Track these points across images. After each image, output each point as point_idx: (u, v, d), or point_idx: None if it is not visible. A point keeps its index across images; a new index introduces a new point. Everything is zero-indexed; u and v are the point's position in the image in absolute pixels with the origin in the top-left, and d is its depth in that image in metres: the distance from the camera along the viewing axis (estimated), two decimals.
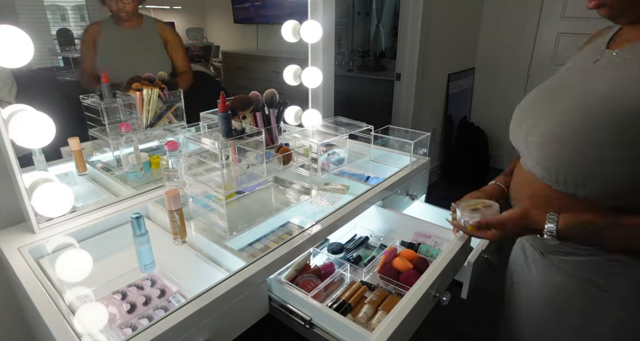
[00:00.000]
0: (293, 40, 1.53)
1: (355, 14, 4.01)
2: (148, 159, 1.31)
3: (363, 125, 1.44)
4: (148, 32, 1.40)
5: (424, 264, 1.04)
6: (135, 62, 1.38)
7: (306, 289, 0.96)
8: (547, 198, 0.76)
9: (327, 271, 1.06)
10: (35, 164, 1.06)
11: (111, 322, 0.81)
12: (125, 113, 1.27)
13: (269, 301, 0.96)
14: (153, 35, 1.42)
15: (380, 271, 1.04)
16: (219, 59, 1.67)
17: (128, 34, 1.36)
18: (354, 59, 4.05)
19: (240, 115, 1.09)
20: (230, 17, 1.73)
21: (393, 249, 1.12)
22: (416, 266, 1.04)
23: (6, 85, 1.05)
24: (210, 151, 1.03)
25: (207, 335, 0.80)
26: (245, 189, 1.23)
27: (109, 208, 1.10)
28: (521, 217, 0.76)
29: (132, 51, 1.40)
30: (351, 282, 1.03)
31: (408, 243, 1.20)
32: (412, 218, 1.28)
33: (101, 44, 1.28)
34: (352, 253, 1.18)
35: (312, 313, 0.89)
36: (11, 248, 0.94)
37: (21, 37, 0.78)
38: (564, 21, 3.04)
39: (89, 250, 0.86)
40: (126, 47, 1.38)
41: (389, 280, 1.01)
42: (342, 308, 0.91)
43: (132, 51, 1.40)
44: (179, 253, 1.00)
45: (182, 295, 0.89)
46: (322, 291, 0.98)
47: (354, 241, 1.25)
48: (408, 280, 0.98)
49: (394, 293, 0.99)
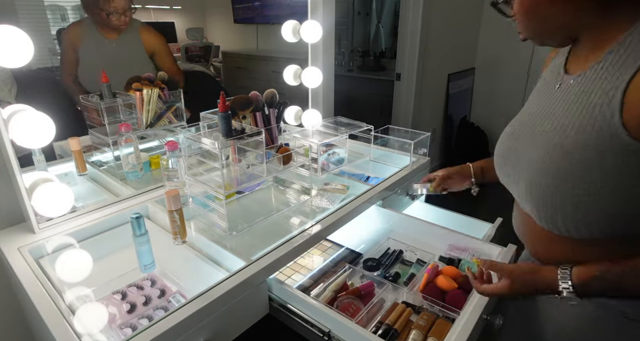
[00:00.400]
0: (293, 40, 1.53)
1: (355, 14, 4.01)
2: (148, 159, 1.31)
3: (363, 125, 1.44)
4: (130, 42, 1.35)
5: (468, 284, 0.86)
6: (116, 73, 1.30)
7: (347, 313, 0.87)
8: (549, 242, 0.71)
9: (367, 292, 0.95)
10: (35, 164, 1.06)
11: (111, 322, 0.81)
12: (125, 113, 1.27)
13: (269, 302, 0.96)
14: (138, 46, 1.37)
15: (423, 291, 0.95)
16: (219, 59, 1.67)
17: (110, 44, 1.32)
18: (354, 59, 4.05)
19: (240, 115, 1.09)
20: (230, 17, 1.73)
21: (435, 266, 1.02)
22: (461, 285, 0.95)
23: (6, 85, 1.05)
24: (210, 151, 1.03)
25: (207, 335, 0.80)
26: (245, 189, 1.23)
27: (109, 208, 1.10)
28: (529, 271, 0.70)
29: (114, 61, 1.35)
30: (393, 304, 0.93)
31: (447, 259, 1.09)
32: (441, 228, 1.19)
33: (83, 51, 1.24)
34: (389, 270, 1.08)
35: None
36: (11, 248, 0.94)
37: (21, 37, 0.78)
38: None
39: (89, 250, 0.86)
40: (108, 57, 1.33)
41: (433, 301, 0.92)
42: (389, 335, 0.83)
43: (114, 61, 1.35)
44: (179, 253, 1.00)
45: (182, 295, 0.89)
46: (365, 315, 0.89)
47: (388, 255, 1.14)
48: (455, 301, 0.91)
49: (441, 316, 0.89)
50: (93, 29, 1.27)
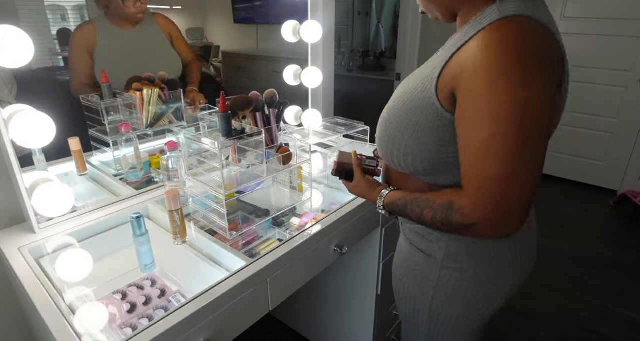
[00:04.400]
0: (293, 40, 1.53)
1: (355, 14, 4.01)
2: (148, 159, 1.31)
3: (359, 126, 1.44)
4: (151, 28, 1.35)
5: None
6: (142, 64, 1.32)
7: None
8: (387, 171, 0.87)
9: None
10: (36, 164, 1.07)
11: (111, 322, 0.81)
12: (126, 113, 1.27)
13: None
14: (157, 31, 1.36)
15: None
16: (219, 59, 1.67)
17: (130, 35, 1.31)
18: (354, 59, 4.05)
19: (240, 115, 1.09)
20: (230, 17, 1.73)
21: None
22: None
23: (7, 85, 1.05)
24: (211, 151, 1.03)
25: (207, 335, 0.80)
26: (246, 189, 1.23)
27: (109, 208, 1.10)
28: (369, 186, 0.89)
29: (138, 53, 1.34)
30: None
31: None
32: None
33: (99, 50, 1.23)
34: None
35: None
36: (11, 248, 0.94)
37: (21, 37, 0.78)
38: (564, 21, 3.04)
39: (89, 250, 0.86)
40: (130, 50, 1.33)
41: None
42: None
43: (138, 53, 1.34)
44: (179, 253, 1.00)
45: (182, 295, 0.89)
46: None
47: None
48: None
49: None
50: (107, 24, 1.25)
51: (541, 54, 0.58)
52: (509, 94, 0.57)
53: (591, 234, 2.62)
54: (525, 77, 0.57)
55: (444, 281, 0.82)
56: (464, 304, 0.83)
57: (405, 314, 0.95)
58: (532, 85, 0.57)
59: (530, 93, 0.57)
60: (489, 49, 0.58)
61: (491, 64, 0.57)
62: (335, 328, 1.63)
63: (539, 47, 0.58)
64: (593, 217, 2.84)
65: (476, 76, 0.59)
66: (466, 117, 0.62)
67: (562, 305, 2.00)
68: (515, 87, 0.56)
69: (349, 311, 1.54)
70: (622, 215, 2.84)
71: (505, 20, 0.59)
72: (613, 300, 2.03)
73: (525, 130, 0.58)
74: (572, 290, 2.09)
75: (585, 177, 3.28)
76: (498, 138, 0.58)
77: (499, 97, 0.57)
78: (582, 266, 2.29)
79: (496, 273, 0.80)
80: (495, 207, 0.61)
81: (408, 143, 0.72)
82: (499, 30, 0.59)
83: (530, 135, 0.58)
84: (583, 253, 2.42)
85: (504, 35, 0.58)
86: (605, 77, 2.97)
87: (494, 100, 0.58)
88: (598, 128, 3.10)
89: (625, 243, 2.53)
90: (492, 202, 0.61)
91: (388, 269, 1.40)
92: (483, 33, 0.60)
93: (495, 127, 0.58)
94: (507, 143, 0.58)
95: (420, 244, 0.85)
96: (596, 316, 1.92)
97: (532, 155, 0.59)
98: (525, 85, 0.57)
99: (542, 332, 1.84)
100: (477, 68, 0.59)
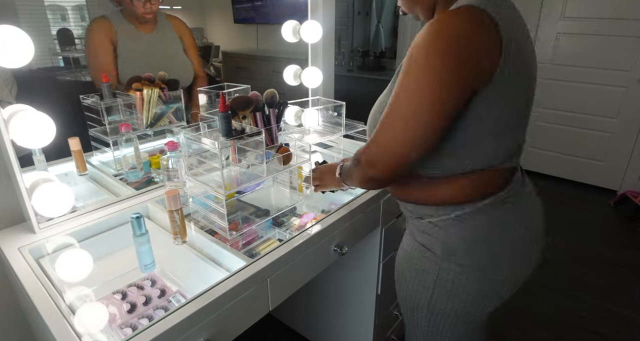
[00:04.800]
0: (293, 40, 1.53)
1: (355, 14, 4.01)
2: (148, 159, 1.31)
3: (359, 126, 1.44)
4: (166, 33, 1.35)
5: None
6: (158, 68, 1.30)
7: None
8: None
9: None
10: (36, 164, 1.07)
11: (111, 322, 0.81)
12: (126, 113, 1.27)
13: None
14: (171, 36, 1.35)
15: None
16: (219, 59, 1.67)
17: (148, 38, 1.29)
18: (354, 59, 4.05)
19: (240, 115, 1.09)
20: (230, 17, 1.73)
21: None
22: None
23: (7, 85, 1.05)
24: (211, 151, 1.03)
25: (207, 335, 0.80)
26: (246, 189, 1.23)
27: (109, 208, 1.10)
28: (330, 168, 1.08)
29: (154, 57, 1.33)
30: None
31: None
32: None
33: (121, 46, 1.22)
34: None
35: None
36: (11, 248, 0.94)
37: (21, 37, 0.78)
38: (564, 21, 3.04)
39: (89, 250, 0.86)
40: (147, 53, 1.32)
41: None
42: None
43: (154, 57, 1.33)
44: (179, 253, 1.00)
45: (182, 295, 0.89)
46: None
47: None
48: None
49: None
50: (125, 23, 1.25)
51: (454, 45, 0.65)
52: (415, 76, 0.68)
53: (591, 234, 2.62)
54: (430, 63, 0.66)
55: (443, 275, 0.83)
56: (464, 298, 0.84)
57: (405, 309, 0.96)
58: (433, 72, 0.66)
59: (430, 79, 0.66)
60: (422, 34, 0.68)
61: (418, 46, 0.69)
62: (335, 328, 1.63)
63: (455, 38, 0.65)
64: (593, 217, 2.84)
65: (408, 57, 0.70)
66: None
67: (562, 305, 2.00)
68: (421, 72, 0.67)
69: (349, 311, 1.54)
70: (622, 215, 2.84)
71: (446, 12, 0.68)
72: (613, 300, 2.03)
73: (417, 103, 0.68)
74: (572, 290, 2.09)
75: (585, 177, 3.28)
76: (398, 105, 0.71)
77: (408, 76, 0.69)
78: (582, 266, 2.29)
79: (495, 267, 0.81)
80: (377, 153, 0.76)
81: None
82: (439, 17, 0.68)
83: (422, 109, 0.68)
84: (583, 253, 2.42)
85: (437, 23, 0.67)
86: (605, 77, 2.97)
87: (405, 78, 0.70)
88: (598, 128, 3.10)
89: (625, 243, 2.53)
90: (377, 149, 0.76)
91: (388, 269, 1.40)
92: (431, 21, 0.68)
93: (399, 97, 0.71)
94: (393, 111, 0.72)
95: (422, 239, 0.86)
96: (596, 316, 1.92)
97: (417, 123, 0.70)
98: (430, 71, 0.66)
99: (542, 332, 1.84)
100: (411, 49, 0.70)
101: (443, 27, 0.65)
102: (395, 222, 1.37)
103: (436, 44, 0.65)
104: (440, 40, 0.65)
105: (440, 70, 0.65)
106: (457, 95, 0.67)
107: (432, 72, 0.66)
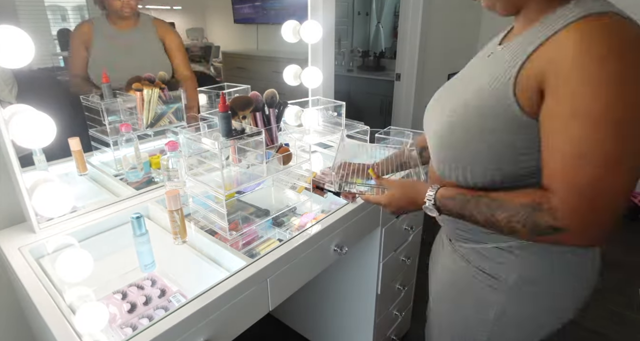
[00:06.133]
0: (293, 40, 1.53)
1: (355, 14, 4.01)
2: (148, 159, 1.31)
3: (359, 126, 1.44)
4: (145, 33, 1.36)
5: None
6: (131, 66, 1.33)
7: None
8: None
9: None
10: (36, 164, 1.07)
11: (111, 322, 0.81)
12: (126, 113, 1.27)
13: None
14: (151, 36, 1.37)
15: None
16: (219, 59, 1.67)
17: (124, 36, 1.32)
18: (354, 59, 4.05)
19: (240, 115, 1.09)
20: (230, 17, 1.73)
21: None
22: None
23: (7, 85, 1.06)
24: (211, 151, 1.03)
25: (207, 335, 0.80)
26: (246, 189, 1.23)
27: (109, 208, 1.10)
28: (410, 185, 0.83)
29: (128, 54, 1.35)
30: None
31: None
32: None
33: (94, 47, 1.24)
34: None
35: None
36: (12, 248, 0.94)
37: (21, 37, 0.78)
38: None
39: (89, 250, 0.86)
40: (122, 50, 1.34)
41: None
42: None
43: (128, 54, 1.35)
44: (179, 253, 1.00)
45: (182, 295, 0.89)
46: None
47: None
48: None
49: None
50: (105, 23, 1.27)
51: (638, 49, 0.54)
52: (609, 89, 0.53)
53: None
54: (625, 74, 0.53)
55: (510, 306, 0.77)
56: (528, 327, 0.79)
57: (453, 336, 0.89)
58: (633, 82, 0.53)
59: (630, 91, 0.53)
60: (585, 49, 0.54)
61: (590, 58, 0.53)
62: (335, 328, 1.63)
63: (635, 41, 0.54)
64: None
65: (573, 75, 0.54)
66: (556, 114, 0.57)
67: None
68: (615, 83, 0.53)
69: (349, 311, 1.54)
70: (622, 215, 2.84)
71: (594, 16, 0.56)
72: (613, 300, 2.03)
73: (625, 131, 0.54)
74: None
75: None
76: (595, 138, 0.54)
77: (596, 92, 0.53)
78: None
79: (570, 295, 0.77)
80: (590, 211, 0.57)
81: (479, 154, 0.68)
82: (590, 24, 0.55)
83: (629, 138, 0.54)
84: None
85: (598, 30, 0.54)
86: None
87: (590, 96, 0.53)
88: None
89: (625, 243, 2.53)
90: (588, 205, 0.57)
91: (388, 269, 1.40)
92: (574, 31, 0.56)
93: (592, 127, 0.54)
94: (605, 145, 0.54)
95: (485, 265, 0.78)
96: (596, 316, 1.93)
97: (630, 159, 0.55)
98: (626, 82, 0.53)
99: None
100: (573, 62, 0.54)
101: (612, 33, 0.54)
102: (395, 222, 1.37)
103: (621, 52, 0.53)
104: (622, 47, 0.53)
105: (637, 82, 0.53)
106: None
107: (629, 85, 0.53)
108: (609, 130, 0.54)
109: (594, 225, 0.58)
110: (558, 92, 0.56)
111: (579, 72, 0.54)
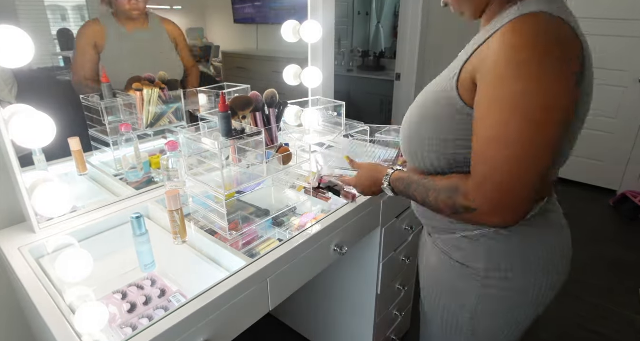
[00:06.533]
0: (293, 40, 1.53)
1: (355, 14, 4.01)
2: (148, 159, 1.31)
3: (359, 126, 1.44)
4: (157, 33, 1.36)
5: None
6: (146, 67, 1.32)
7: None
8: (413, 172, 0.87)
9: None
10: (36, 164, 1.07)
11: (111, 322, 0.81)
12: (126, 113, 1.27)
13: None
14: (163, 35, 1.37)
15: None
16: (219, 59, 1.67)
17: (136, 37, 1.31)
18: (354, 59, 4.05)
19: (240, 115, 1.09)
20: (230, 17, 1.73)
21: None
22: None
23: (7, 85, 1.05)
24: (211, 151, 1.03)
25: (207, 335, 0.80)
26: (246, 189, 1.23)
27: (109, 208, 1.10)
28: (374, 168, 0.95)
29: (143, 55, 1.35)
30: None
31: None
32: None
33: (107, 48, 1.24)
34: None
35: None
36: (11, 248, 0.94)
37: (21, 37, 0.78)
38: None
39: (89, 250, 0.86)
40: (135, 51, 1.33)
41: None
42: None
43: (143, 55, 1.35)
44: (179, 253, 1.00)
45: (182, 295, 0.89)
46: None
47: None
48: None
49: None
50: (114, 24, 1.26)
51: (557, 46, 0.58)
52: (520, 77, 0.58)
53: (591, 234, 2.62)
54: (536, 62, 0.57)
55: (486, 293, 0.79)
56: (506, 314, 0.81)
57: (441, 330, 0.91)
58: (544, 72, 0.58)
59: (540, 79, 0.58)
60: (505, 41, 0.60)
61: (507, 56, 0.59)
62: (335, 328, 1.63)
63: (554, 40, 0.59)
64: (593, 217, 2.84)
65: (493, 66, 0.61)
66: (480, 104, 0.64)
67: (562, 305, 2.00)
68: (527, 72, 0.58)
69: (349, 311, 1.54)
70: (622, 215, 2.84)
71: (524, 16, 0.61)
72: (613, 300, 2.03)
73: (533, 118, 0.58)
74: (572, 290, 2.09)
75: (585, 177, 3.28)
76: (505, 125, 0.60)
77: (510, 79, 0.59)
78: (582, 266, 2.29)
79: (542, 279, 0.78)
80: (497, 193, 0.62)
81: (430, 141, 0.74)
82: (516, 25, 0.60)
83: (539, 124, 0.59)
84: (583, 253, 2.42)
85: (520, 30, 0.60)
86: (605, 77, 2.97)
87: (506, 83, 0.59)
88: (598, 128, 3.10)
89: (625, 243, 2.53)
90: (495, 188, 0.62)
91: (388, 269, 1.40)
92: (503, 28, 0.62)
93: (503, 115, 0.60)
94: (513, 130, 0.59)
95: (458, 256, 0.81)
96: (596, 316, 1.93)
97: (538, 142, 0.59)
98: (537, 71, 0.57)
99: (542, 332, 1.84)
100: (495, 59, 0.60)
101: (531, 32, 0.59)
102: (395, 222, 1.37)
103: (537, 50, 0.57)
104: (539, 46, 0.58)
105: (549, 75, 0.58)
106: (575, 99, 0.61)
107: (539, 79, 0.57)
108: (517, 116, 0.59)
109: (503, 207, 0.63)
110: (483, 82, 0.63)
111: (498, 62, 0.60)
